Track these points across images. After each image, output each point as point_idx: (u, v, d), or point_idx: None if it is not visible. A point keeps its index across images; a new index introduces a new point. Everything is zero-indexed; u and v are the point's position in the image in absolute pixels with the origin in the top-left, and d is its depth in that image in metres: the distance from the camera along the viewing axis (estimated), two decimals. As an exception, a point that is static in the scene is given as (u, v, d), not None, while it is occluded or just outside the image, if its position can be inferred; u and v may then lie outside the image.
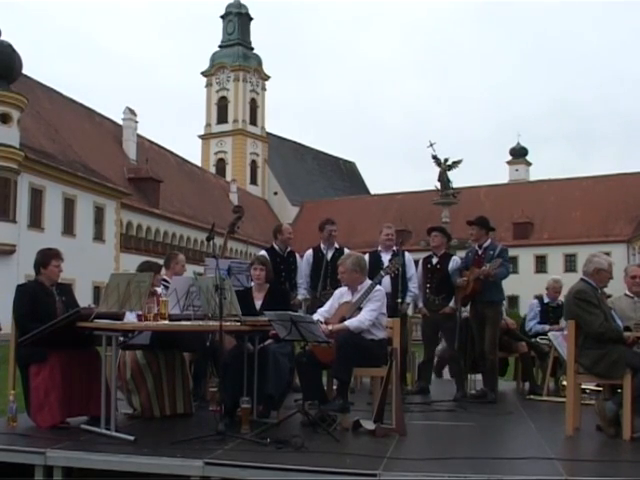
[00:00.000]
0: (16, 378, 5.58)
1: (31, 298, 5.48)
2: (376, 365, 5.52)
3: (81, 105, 43.56)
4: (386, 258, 7.69)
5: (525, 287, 41.41)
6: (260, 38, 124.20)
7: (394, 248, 7.93)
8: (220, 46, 69.38)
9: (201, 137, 69.07)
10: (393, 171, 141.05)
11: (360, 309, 5.60)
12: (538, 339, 8.29)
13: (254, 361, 5.62)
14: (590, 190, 53.58)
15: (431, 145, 28.85)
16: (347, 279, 5.80)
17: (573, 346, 5.38)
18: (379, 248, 8.05)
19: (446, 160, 29.90)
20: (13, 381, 5.59)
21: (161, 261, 6.93)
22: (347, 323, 5.51)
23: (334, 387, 5.74)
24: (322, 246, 7.96)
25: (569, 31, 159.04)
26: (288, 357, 5.73)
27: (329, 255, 7.80)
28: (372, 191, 75.61)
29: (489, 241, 7.52)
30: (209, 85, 68.53)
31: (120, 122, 45.17)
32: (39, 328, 5.20)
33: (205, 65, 69.38)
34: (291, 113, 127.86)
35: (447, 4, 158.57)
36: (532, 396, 7.68)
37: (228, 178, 62.57)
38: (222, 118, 67.50)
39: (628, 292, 6.25)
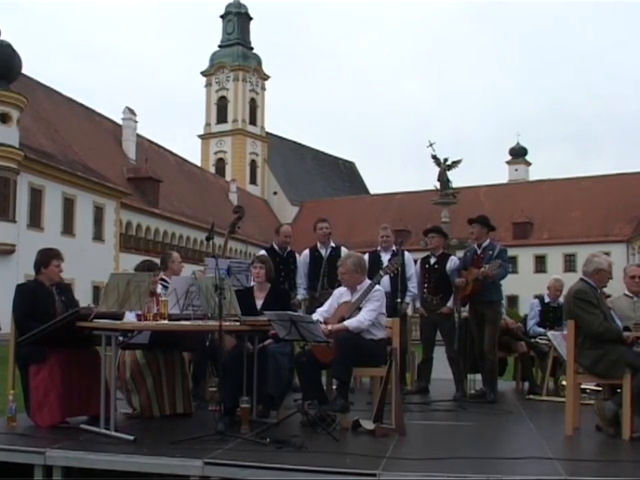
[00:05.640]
0: (15, 378, 5.57)
1: (31, 297, 5.48)
2: (376, 365, 5.52)
3: (81, 105, 43.53)
4: (386, 258, 7.70)
5: (525, 287, 41.46)
6: (260, 38, 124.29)
7: (394, 248, 7.94)
8: (220, 46, 69.38)
9: (201, 137, 69.05)
10: (393, 171, 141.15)
11: (359, 309, 5.60)
12: (538, 339, 8.30)
13: (254, 361, 5.62)
14: (590, 190, 53.57)
15: (431, 145, 28.99)
16: (348, 280, 5.79)
17: (573, 346, 5.38)
18: (378, 248, 8.06)
19: (446, 160, 30.01)
20: (13, 381, 5.59)
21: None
22: (346, 323, 5.50)
23: (334, 387, 5.74)
24: (318, 245, 7.97)
25: (568, 31, 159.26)
26: (288, 357, 5.73)
27: (325, 254, 7.81)
28: (372, 191, 75.60)
29: (488, 241, 7.53)
30: (209, 85, 68.52)
31: (120, 122, 45.14)
32: (39, 328, 5.20)
33: (205, 65, 69.49)
34: (291, 113, 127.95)
35: (447, 5, 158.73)
36: (531, 396, 7.68)
37: (228, 178, 62.56)
38: (222, 118, 67.49)
39: (627, 292, 6.25)
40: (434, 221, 25.00)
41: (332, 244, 8.00)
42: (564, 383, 6.20)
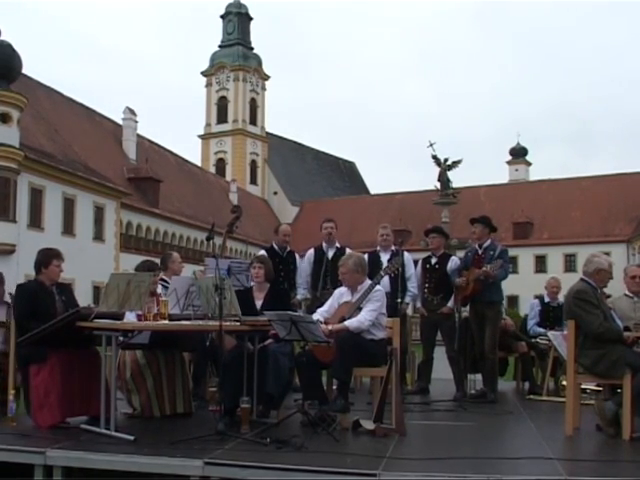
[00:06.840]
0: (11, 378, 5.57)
1: (31, 298, 5.48)
2: (376, 365, 5.52)
3: (81, 105, 43.51)
4: (385, 258, 7.71)
5: (525, 287, 41.43)
6: (260, 38, 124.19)
7: (393, 248, 7.95)
8: (220, 46, 69.35)
9: (201, 137, 69.03)
10: (393, 171, 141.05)
11: (360, 309, 5.60)
12: (538, 339, 8.30)
13: (254, 361, 5.62)
14: (590, 190, 53.54)
15: (431, 145, 28.97)
16: (349, 280, 5.80)
17: (573, 346, 5.38)
18: (378, 248, 8.06)
19: (446, 160, 29.99)
20: (13, 381, 5.59)
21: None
22: (347, 323, 5.50)
23: (334, 387, 5.74)
24: (324, 245, 7.98)
25: (568, 32, 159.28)
26: (288, 357, 5.72)
27: (330, 254, 7.81)
28: (372, 191, 75.55)
29: (489, 241, 7.53)
30: (209, 85, 68.50)
31: (120, 122, 45.13)
32: (39, 328, 5.20)
33: (205, 65, 69.44)
34: (291, 113, 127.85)
35: (447, 5, 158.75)
36: (532, 396, 7.69)
37: (228, 178, 62.52)
38: (222, 118, 67.47)
39: (628, 292, 6.26)
40: (434, 221, 24.99)
41: (337, 245, 8.01)
42: (564, 383, 6.20)
